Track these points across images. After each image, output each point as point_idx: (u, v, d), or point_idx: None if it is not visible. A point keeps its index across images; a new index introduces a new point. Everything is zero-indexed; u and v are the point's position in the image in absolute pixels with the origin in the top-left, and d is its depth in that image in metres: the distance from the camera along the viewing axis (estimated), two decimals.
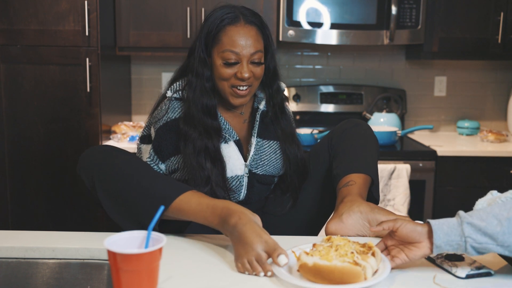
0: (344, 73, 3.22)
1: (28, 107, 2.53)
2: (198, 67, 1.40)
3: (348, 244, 1.04)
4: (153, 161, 1.43)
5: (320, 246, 1.05)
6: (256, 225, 1.11)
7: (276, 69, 1.49)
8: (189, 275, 1.05)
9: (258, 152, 1.47)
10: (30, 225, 2.61)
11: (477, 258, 1.13)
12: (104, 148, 1.33)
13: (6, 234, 1.27)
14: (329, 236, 1.10)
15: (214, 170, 1.37)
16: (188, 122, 1.38)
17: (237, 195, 1.45)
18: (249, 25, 1.39)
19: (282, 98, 1.52)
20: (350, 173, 1.38)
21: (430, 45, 2.84)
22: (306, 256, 1.00)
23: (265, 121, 1.51)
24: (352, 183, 1.36)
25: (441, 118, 3.27)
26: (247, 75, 1.37)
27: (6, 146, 2.56)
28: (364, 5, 2.76)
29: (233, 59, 1.37)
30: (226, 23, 1.38)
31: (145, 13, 2.72)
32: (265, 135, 1.49)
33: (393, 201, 2.52)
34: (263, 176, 1.48)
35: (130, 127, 2.74)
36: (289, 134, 1.51)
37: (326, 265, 0.97)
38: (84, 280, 1.17)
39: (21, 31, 2.49)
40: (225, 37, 1.37)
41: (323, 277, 0.97)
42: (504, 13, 2.79)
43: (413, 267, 1.10)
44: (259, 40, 1.40)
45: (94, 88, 2.51)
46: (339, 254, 1.00)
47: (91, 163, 1.27)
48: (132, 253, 0.86)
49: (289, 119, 1.54)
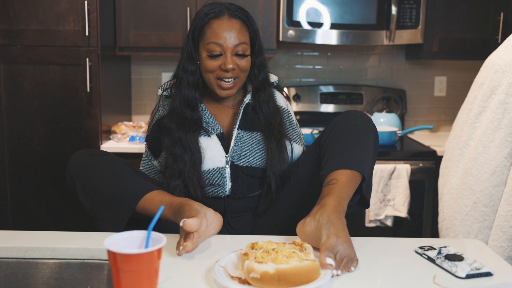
0: (344, 73, 3.22)
1: (28, 107, 2.54)
2: (185, 62, 1.46)
3: (282, 245, 1.03)
4: (147, 157, 1.54)
5: (252, 254, 1.00)
6: (195, 210, 1.18)
7: (262, 62, 1.51)
8: (188, 275, 1.06)
9: (238, 143, 1.46)
10: (30, 225, 2.62)
11: (477, 259, 1.14)
12: (87, 151, 1.40)
13: (6, 234, 1.27)
14: (252, 244, 1.06)
15: (188, 162, 1.41)
16: (170, 115, 1.46)
17: (222, 189, 1.45)
18: (233, 19, 1.43)
19: (269, 91, 1.52)
20: (335, 169, 1.25)
21: (430, 45, 2.84)
22: (260, 265, 0.95)
23: (249, 113, 1.51)
24: (334, 182, 1.23)
25: (441, 118, 3.27)
26: (231, 66, 1.40)
27: (6, 146, 2.56)
28: (364, 5, 2.76)
29: (217, 51, 1.41)
30: (210, 17, 1.43)
31: (145, 13, 2.72)
32: (247, 126, 1.49)
33: (393, 201, 2.52)
34: (247, 168, 1.46)
35: (130, 127, 2.74)
36: (272, 126, 1.48)
37: (290, 267, 0.94)
38: (84, 280, 1.17)
39: (21, 31, 2.49)
40: (209, 30, 1.42)
41: (288, 282, 0.94)
42: (504, 13, 2.80)
43: (413, 267, 1.10)
44: (243, 33, 1.43)
45: (94, 88, 2.52)
46: (285, 256, 0.99)
47: (75, 165, 1.37)
48: (132, 253, 0.86)
49: (274, 111, 1.50)
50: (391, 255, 1.18)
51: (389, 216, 2.54)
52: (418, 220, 2.66)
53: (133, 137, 2.64)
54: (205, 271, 1.07)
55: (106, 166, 1.34)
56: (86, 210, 1.38)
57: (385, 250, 1.21)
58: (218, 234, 1.32)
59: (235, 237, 1.29)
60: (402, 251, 1.20)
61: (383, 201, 2.52)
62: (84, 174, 1.34)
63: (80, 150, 1.41)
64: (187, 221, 1.11)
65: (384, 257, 1.17)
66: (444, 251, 1.16)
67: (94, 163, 1.35)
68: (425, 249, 1.17)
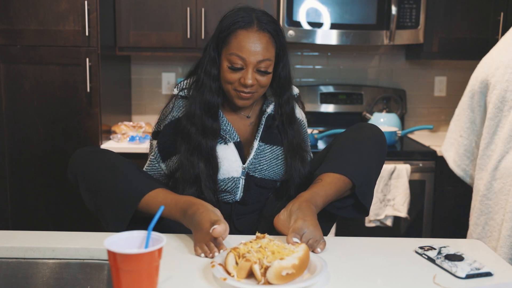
0: (344, 73, 3.23)
1: (28, 107, 2.54)
2: (207, 65, 1.40)
3: (270, 242, 1.07)
4: (156, 159, 1.47)
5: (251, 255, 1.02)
6: (212, 213, 1.17)
7: (287, 78, 1.45)
8: (188, 275, 1.06)
9: (258, 156, 1.44)
10: (30, 225, 2.62)
11: (477, 259, 1.14)
12: (90, 149, 1.39)
13: (6, 234, 1.27)
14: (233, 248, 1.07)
15: (205, 170, 1.37)
16: (189, 119, 1.40)
17: (232, 196, 1.44)
18: (261, 32, 1.35)
19: (292, 108, 1.48)
20: (324, 172, 1.33)
21: (430, 45, 2.85)
22: (284, 261, 0.98)
23: (271, 125, 1.47)
24: (318, 181, 1.32)
25: (441, 118, 3.28)
26: (251, 82, 1.34)
27: (6, 146, 2.57)
28: (364, 5, 2.76)
29: (239, 64, 1.34)
30: (238, 26, 1.35)
31: (145, 13, 2.73)
32: (268, 139, 1.46)
33: (393, 201, 2.52)
34: (261, 179, 1.45)
35: (130, 127, 2.75)
36: (295, 146, 1.46)
37: (302, 254, 1.01)
38: (84, 280, 1.17)
39: (21, 31, 2.50)
40: (234, 40, 1.35)
41: (304, 267, 1.02)
42: (504, 13, 2.81)
43: (413, 267, 1.11)
44: (269, 49, 1.36)
45: (94, 88, 2.52)
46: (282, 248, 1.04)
47: (77, 162, 1.36)
48: (132, 253, 0.86)
49: (297, 130, 1.49)
50: (391, 255, 1.18)
51: (389, 216, 2.54)
52: (418, 220, 2.66)
53: (133, 137, 2.64)
54: (205, 271, 1.08)
55: (109, 164, 1.33)
56: (88, 207, 1.36)
57: (385, 250, 1.22)
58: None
59: (238, 237, 1.29)
60: (402, 251, 1.20)
61: (383, 201, 2.52)
62: (86, 171, 1.33)
63: (82, 148, 1.40)
64: (217, 228, 1.11)
65: (384, 257, 1.17)
66: (444, 251, 1.16)
67: (96, 160, 1.34)
68: (425, 249, 1.18)
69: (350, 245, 1.25)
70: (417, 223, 2.66)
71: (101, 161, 1.34)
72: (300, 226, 1.16)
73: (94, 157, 1.35)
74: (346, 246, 1.24)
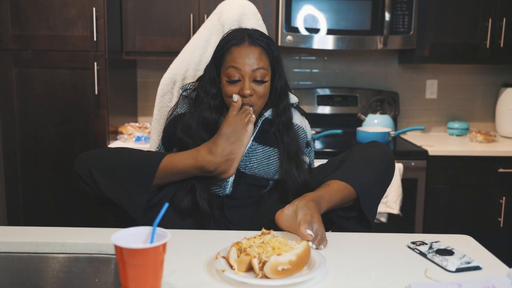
0: (340, 76, 3.25)
1: (39, 109, 2.57)
2: (207, 85, 1.46)
3: (273, 238, 1.08)
4: (160, 150, 1.56)
5: (255, 251, 1.02)
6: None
7: (283, 89, 1.49)
8: (192, 269, 1.07)
9: (249, 154, 1.46)
10: (40, 221, 2.64)
11: (466, 253, 1.16)
12: (96, 149, 1.45)
13: (18, 230, 1.28)
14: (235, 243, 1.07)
15: (200, 183, 1.40)
16: (185, 131, 1.45)
17: (222, 190, 1.45)
18: (253, 46, 1.41)
19: (289, 117, 1.51)
20: (333, 179, 1.35)
21: (422, 50, 2.87)
22: (281, 257, 0.98)
23: (267, 129, 1.50)
24: (325, 186, 1.33)
25: (432, 119, 3.30)
26: (248, 92, 1.38)
27: (18, 145, 2.59)
28: (359, 12, 2.78)
29: (236, 77, 1.39)
30: (231, 44, 1.42)
31: (151, 20, 2.75)
32: (262, 140, 1.49)
33: (386, 199, 2.53)
34: (252, 176, 1.47)
35: (136, 128, 2.76)
36: (292, 153, 1.47)
37: (301, 251, 1.02)
38: (92, 273, 1.18)
39: (33, 36, 2.53)
40: (229, 56, 1.41)
41: (303, 263, 1.02)
42: (492, 19, 2.84)
43: (405, 261, 1.13)
44: (262, 59, 1.41)
45: (101, 91, 2.55)
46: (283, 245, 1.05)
47: (86, 159, 1.37)
48: (138, 248, 0.86)
49: (294, 137, 1.50)
50: (385, 250, 1.19)
51: (382, 213, 2.55)
52: (410, 217, 2.67)
53: (139, 137, 2.68)
54: (208, 264, 1.09)
55: (118, 150, 1.38)
56: (107, 193, 1.33)
57: (379, 245, 1.23)
58: (217, 229, 1.36)
59: (237, 233, 1.31)
60: (395, 246, 1.22)
61: None
62: (98, 159, 1.35)
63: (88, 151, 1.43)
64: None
65: (378, 252, 1.18)
66: (435, 246, 1.18)
67: (105, 151, 1.39)
68: (417, 244, 1.19)
69: (345, 240, 1.25)
70: (409, 219, 2.67)
71: (108, 151, 1.39)
72: (310, 220, 1.18)
73: (100, 150, 1.41)
74: (342, 242, 1.24)
